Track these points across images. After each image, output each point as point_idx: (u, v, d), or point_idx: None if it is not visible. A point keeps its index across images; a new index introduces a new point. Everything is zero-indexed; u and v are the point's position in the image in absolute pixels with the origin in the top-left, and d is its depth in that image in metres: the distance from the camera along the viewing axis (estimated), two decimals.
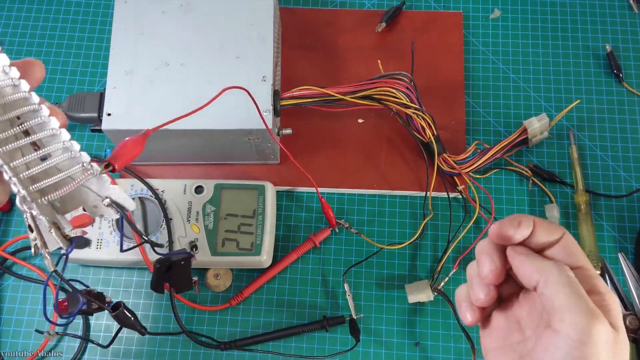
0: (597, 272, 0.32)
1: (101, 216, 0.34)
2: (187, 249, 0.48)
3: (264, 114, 0.51)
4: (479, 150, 0.59)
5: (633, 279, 0.53)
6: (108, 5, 0.68)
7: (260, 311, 0.56)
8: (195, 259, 0.48)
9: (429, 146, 0.58)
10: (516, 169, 0.60)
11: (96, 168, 0.31)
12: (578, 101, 0.62)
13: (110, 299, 0.44)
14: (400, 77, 0.55)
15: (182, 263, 0.47)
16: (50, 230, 0.31)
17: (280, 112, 0.54)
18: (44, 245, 0.32)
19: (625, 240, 0.58)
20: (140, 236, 0.46)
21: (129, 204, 0.34)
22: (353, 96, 0.55)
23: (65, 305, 0.41)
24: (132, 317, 0.46)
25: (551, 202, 0.59)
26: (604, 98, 0.63)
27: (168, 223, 0.54)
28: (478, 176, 0.59)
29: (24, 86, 0.31)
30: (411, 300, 0.54)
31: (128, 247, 0.50)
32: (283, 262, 0.57)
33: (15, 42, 0.66)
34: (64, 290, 0.40)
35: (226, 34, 0.55)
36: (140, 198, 0.56)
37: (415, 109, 0.56)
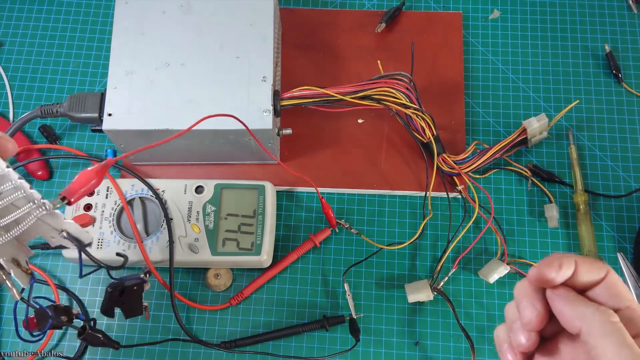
0: None
1: (60, 246, 0.36)
2: (142, 274, 0.48)
3: (264, 114, 0.52)
4: (479, 150, 0.59)
5: (632, 279, 0.54)
6: (108, 5, 0.68)
7: (260, 311, 0.56)
8: (148, 285, 0.48)
9: (429, 146, 0.58)
10: (515, 169, 0.60)
11: (49, 205, 0.34)
12: (577, 101, 0.63)
13: (77, 311, 0.44)
14: (400, 78, 0.56)
15: (135, 288, 0.47)
16: (10, 271, 0.34)
17: (280, 112, 0.55)
18: (7, 278, 0.35)
19: (624, 240, 0.58)
20: (97, 263, 0.47)
21: (85, 237, 0.36)
22: (353, 96, 0.55)
23: (35, 322, 0.42)
24: (102, 336, 0.46)
25: (550, 202, 0.59)
26: (603, 98, 0.63)
27: (168, 223, 0.54)
28: (477, 176, 0.60)
29: None
30: (411, 299, 0.54)
31: (87, 272, 0.49)
32: (283, 262, 0.57)
33: (15, 43, 0.66)
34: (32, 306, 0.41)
35: (226, 34, 0.55)
36: (140, 198, 0.56)
37: (415, 109, 0.56)
